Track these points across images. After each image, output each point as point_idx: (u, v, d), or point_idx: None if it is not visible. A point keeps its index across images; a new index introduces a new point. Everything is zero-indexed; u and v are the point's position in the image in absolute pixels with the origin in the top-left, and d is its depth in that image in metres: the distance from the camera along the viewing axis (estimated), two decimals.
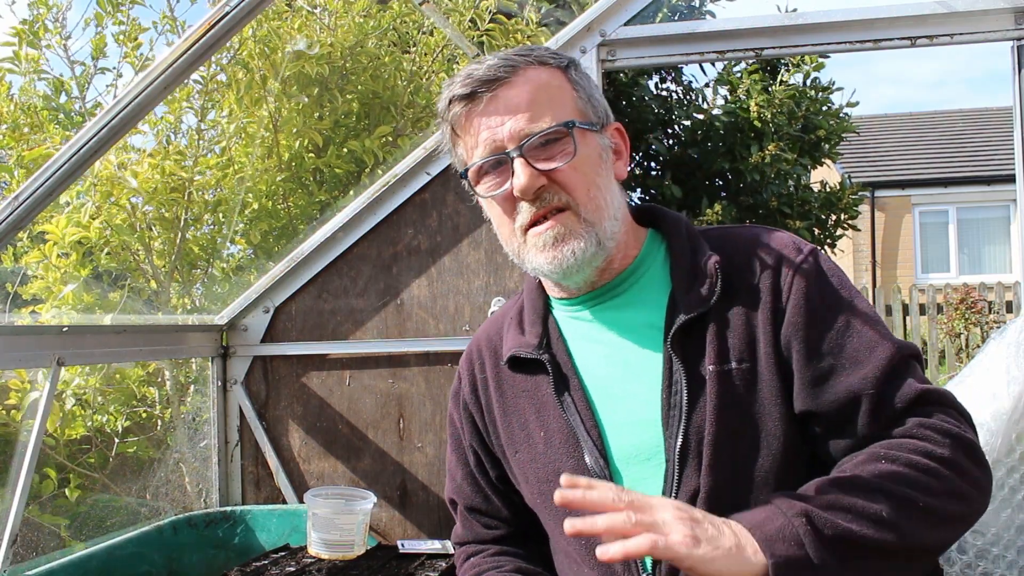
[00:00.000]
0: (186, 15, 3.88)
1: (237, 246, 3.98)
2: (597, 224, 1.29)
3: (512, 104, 1.28)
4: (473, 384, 1.49)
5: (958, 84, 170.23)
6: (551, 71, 1.32)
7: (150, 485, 3.20)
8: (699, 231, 1.38)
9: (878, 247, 15.27)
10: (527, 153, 1.27)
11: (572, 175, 1.28)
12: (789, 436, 1.24)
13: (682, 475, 1.23)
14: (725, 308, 1.28)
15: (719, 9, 7.99)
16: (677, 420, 1.24)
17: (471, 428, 1.49)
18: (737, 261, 1.31)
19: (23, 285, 3.36)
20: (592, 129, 1.32)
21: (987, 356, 2.09)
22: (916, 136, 17.00)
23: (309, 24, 3.91)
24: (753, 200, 7.45)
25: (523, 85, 1.28)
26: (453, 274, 2.61)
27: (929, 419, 1.19)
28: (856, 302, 1.28)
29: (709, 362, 1.25)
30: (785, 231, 1.36)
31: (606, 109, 1.36)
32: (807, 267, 1.28)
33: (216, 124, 3.88)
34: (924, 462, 1.13)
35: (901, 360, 1.24)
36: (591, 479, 1.07)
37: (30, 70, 3.80)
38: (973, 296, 9.87)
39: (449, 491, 1.57)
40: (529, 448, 1.37)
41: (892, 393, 1.21)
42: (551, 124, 1.27)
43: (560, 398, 1.33)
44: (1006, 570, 1.98)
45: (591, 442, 1.29)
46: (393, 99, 4.00)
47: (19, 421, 3.01)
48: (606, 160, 1.33)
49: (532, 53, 1.32)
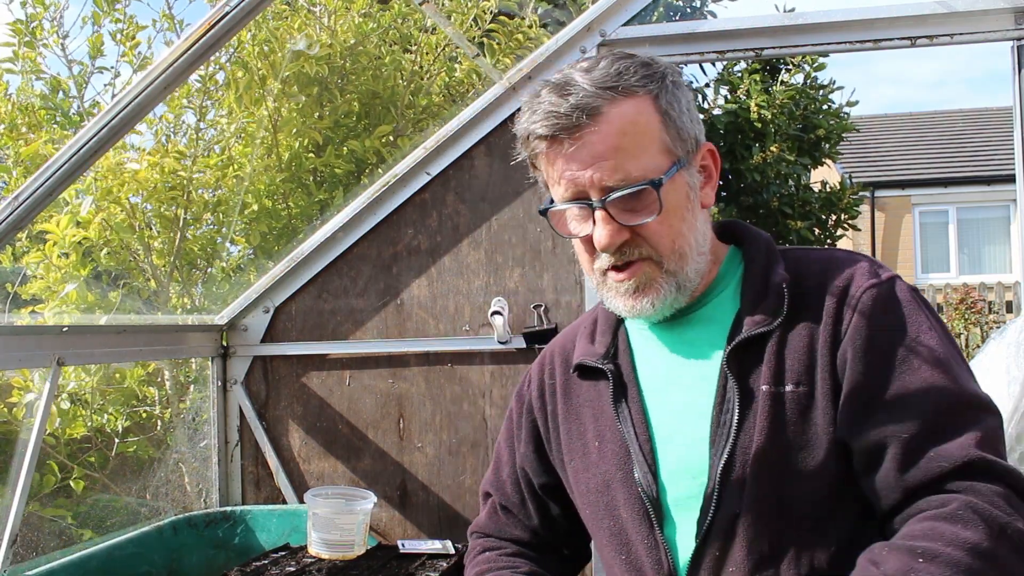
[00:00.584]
0: (184, 13, 3.88)
1: (237, 246, 3.98)
2: (679, 272, 1.25)
3: (596, 152, 1.19)
4: (541, 389, 1.47)
5: (958, 84, 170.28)
6: (639, 103, 1.21)
7: (150, 485, 3.20)
8: (780, 250, 1.33)
9: (878, 247, 15.27)
10: (609, 206, 1.21)
11: (657, 229, 1.22)
12: (839, 467, 1.18)
13: (723, 496, 1.19)
14: (789, 329, 1.23)
15: (720, 9, 8.00)
16: (724, 439, 1.20)
17: (530, 431, 1.48)
18: (808, 283, 1.25)
19: (23, 285, 3.36)
20: (681, 167, 1.24)
21: (987, 356, 2.10)
22: (916, 136, 17.00)
23: (309, 24, 3.91)
24: (754, 200, 7.46)
25: (608, 128, 1.19)
26: (453, 274, 2.61)
27: (978, 500, 1.07)
28: (925, 337, 1.18)
29: (764, 382, 1.20)
30: (869, 256, 1.30)
31: (697, 134, 1.27)
32: (876, 293, 1.21)
33: (216, 124, 3.88)
34: (967, 561, 1.03)
35: (959, 410, 1.13)
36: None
37: (28, 69, 3.80)
38: (973, 296, 9.88)
39: (487, 483, 1.55)
40: (584, 457, 1.36)
41: (933, 445, 1.12)
42: (636, 178, 1.19)
43: (617, 408, 1.32)
44: None
45: (642, 456, 1.27)
46: (393, 99, 4.00)
47: (20, 420, 3.01)
48: (694, 197, 1.26)
49: (620, 82, 1.20)
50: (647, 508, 1.26)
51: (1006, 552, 1.05)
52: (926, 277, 14.79)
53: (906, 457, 1.13)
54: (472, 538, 1.55)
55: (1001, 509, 1.07)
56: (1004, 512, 1.06)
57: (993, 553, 1.04)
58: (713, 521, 1.20)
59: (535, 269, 2.55)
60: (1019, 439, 2.03)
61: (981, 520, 1.06)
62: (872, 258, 1.30)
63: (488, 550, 1.48)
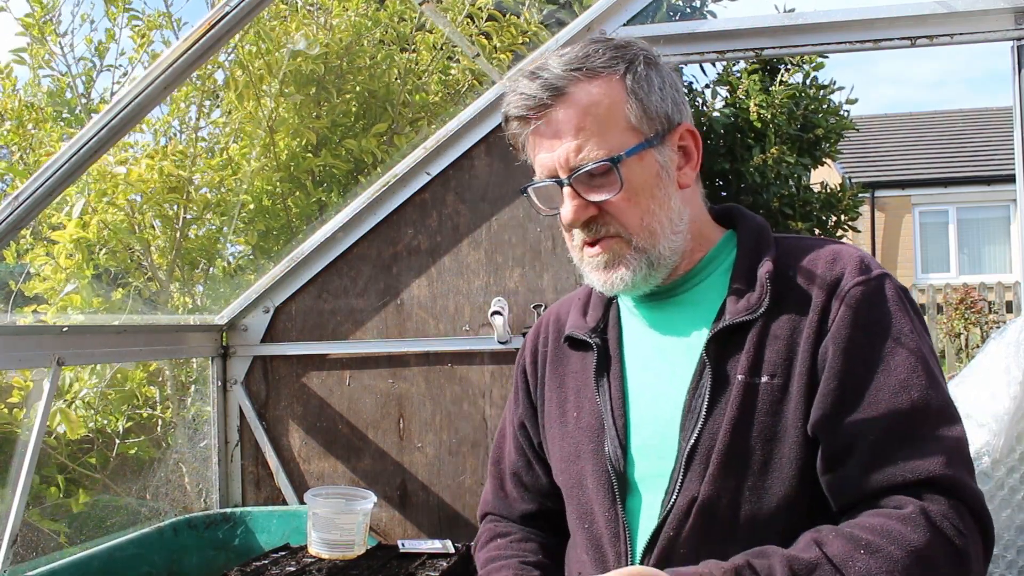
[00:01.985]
0: (182, 12, 3.87)
1: (238, 246, 3.98)
2: (650, 249, 1.27)
3: (561, 130, 1.24)
4: (534, 355, 1.50)
5: (958, 84, 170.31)
6: (604, 83, 1.24)
7: (150, 485, 3.21)
8: (775, 237, 1.33)
9: (878, 247, 15.27)
10: (575, 183, 1.24)
11: (622, 205, 1.25)
12: (805, 461, 1.18)
13: (685, 479, 1.21)
14: (773, 319, 1.23)
15: (720, 9, 8.00)
16: (693, 423, 1.22)
17: (525, 395, 1.51)
18: (795, 274, 1.26)
19: (26, 282, 3.36)
20: (650, 145, 1.26)
21: (987, 356, 2.10)
22: (916, 136, 17.00)
23: (307, 24, 3.90)
24: (754, 200, 7.46)
25: (572, 108, 1.23)
26: (453, 274, 2.61)
27: (933, 509, 1.09)
28: (906, 340, 1.18)
29: (740, 372, 1.22)
30: (861, 250, 1.29)
31: (670, 113, 1.28)
32: (865, 289, 1.21)
33: (216, 124, 3.88)
34: (905, 563, 1.06)
35: (930, 419, 1.14)
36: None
37: (35, 66, 3.80)
38: (973, 296, 9.88)
39: (494, 455, 1.57)
40: (562, 426, 1.39)
41: (898, 452, 1.13)
42: (597, 155, 1.23)
43: (598, 382, 1.34)
44: (1005, 570, 1.98)
45: (615, 431, 1.29)
46: (389, 96, 3.99)
47: (20, 420, 3.01)
48: (665, 176, 1.27)
49: (586, 63, 1.24)
50: (612, 481, 1.28)
51: (944, 563, 1.08)
52: (926, 277, 14.79)
53: (871, 461, 1.14)
54: (483, 522, 1.55)
55: (952, 523, 1.09)
56: (954, 526, 1.09)
57: (932, 561, 1.07)
58: (674, 503, 1.21)
59: (535, 269, 2.55)
60: (1019, 439, 2.03)
61: (930, 528, 1.08)
62: (864, 252, 1.30)
63: (498, 536, 1.49)
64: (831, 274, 1.24)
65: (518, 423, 1.51)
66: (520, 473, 1.50)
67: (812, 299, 1.23)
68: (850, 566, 1.06)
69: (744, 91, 7.47)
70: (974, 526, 1.11)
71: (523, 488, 1.50)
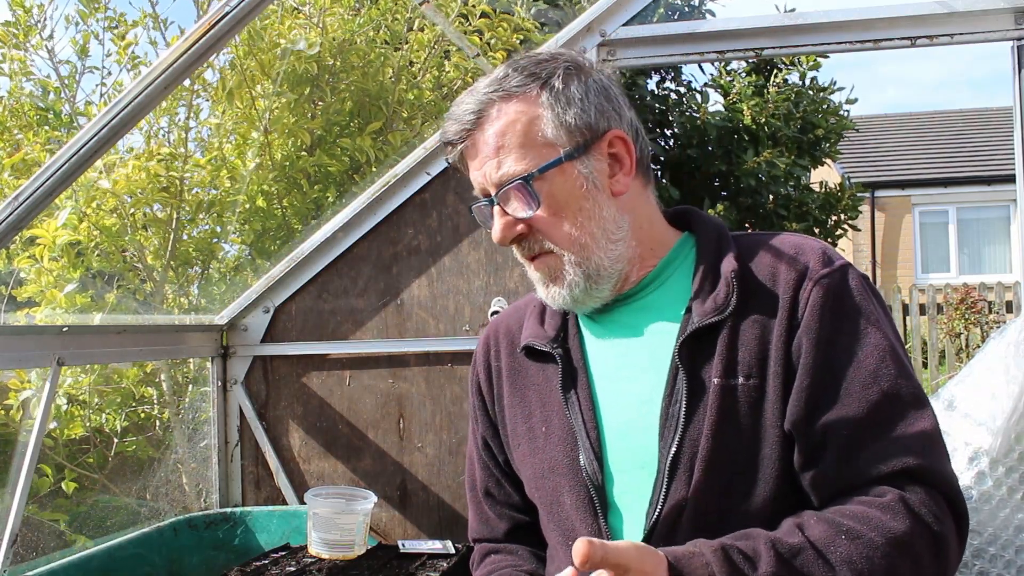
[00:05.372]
0: (168, 12, 3.86)
1: (234, 246, 3.98)
2: (585, 261, 1.27)
3: (483, 151, 1.27)
4: (488, 371, 1.48)
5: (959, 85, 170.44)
6: (521, 102, 1.26)
7: (150, 485, 3.20)
8: (733, 236, 1.33)
9: (878, 247, 15.27)
10: (500, 201, 1.27)
11: (549, 221, 1.26)
12: (786, 461, 1.19)
13: (670, 487, 1.20)
14: (741, 319, 1.23)
15: (719, 8, 8.00)
16: (673, 430, 1.21)
17: (483, 413, 1.49)
18: (760, 271, 1.26)
19: (18, 287, 3.35)
20: (570, 158, 1.26)
21: (987, 356, 2.09)
22: (916, 136, 17.01)
23: (299, 23, 3.90)
24: (752, 201, 7.46)
25: (490, 128, 1.27)
26: (453, 274, 2.61)
27: (912, 497, 1.12)
28: (871, 330, 1.20)
29: (715, 375, 1.21)
30: (821, 242, 1.29)
31: (591, 123, 1.27)
32: (830, 282, 1.21)
33: (205, 124, 3.87)
34: (885, 549, 1.08)
35: (902, 408, 1.16)
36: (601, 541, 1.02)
37: (17, 71, 3.78)
38: (973, 296, 9.87)
39: (468, 480, 1.56)
40: (530, 442, 1.36)
41: (874, 443, 1.15)
42: (514, 172, 1.25)
43: (566, 395, 1.32)
44: (1003, 569, 1.98)
45: (588, 443, 1.27)
46: (383, 95, 3.98)
47: (18, 421, 3.01)
48: (592, 187, 1.27)
49: (502, 85, 1.27)
50: (591, 495, 1.26)
51: (923, 550, 1.11)
52: (926, 277, 14.80)
53: (847, 454, 1.16)
54: (475, 547, 1.55)
55: (930, 510, 1.12)
56: (932, 514, 1.12)
57: (911, 547, 1.10)
58: (661, 512, 1.20)
59: None
60: (1018, 439, 2.03)
61: (909, 515, 1.11)
62: (824, 243, 1.30)
63: (491, 553, 1.49)
64: (795, 268, 1.24)
65: (481, 442, 1.50)
66: (492, 492, 1.50)
67: (779, 295, 1.23)
68: (832, 551, 1.08)
69: (737, 94, 7.49)
70: (949, 511, 1.14)
71: (499, 506, 1.49)
